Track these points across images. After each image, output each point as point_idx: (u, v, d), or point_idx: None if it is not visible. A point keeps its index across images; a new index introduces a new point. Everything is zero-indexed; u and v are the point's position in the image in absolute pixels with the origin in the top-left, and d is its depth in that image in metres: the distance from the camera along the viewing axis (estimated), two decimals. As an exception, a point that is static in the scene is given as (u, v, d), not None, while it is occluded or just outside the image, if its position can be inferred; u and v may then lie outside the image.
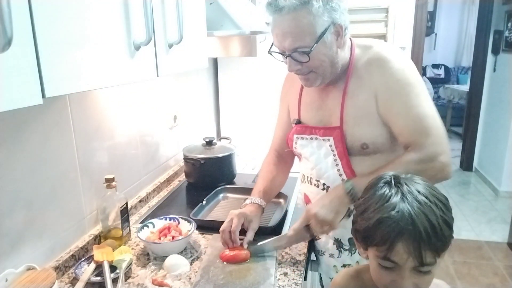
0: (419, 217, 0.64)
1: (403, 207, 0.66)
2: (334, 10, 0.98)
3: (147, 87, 1.55)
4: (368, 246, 0.73)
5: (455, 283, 2.53)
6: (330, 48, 1.01)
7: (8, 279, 0.86)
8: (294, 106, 1.23)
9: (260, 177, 1.31)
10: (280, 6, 0.96)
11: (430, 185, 0.72)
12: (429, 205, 0.66)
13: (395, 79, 1.00)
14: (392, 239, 0.65)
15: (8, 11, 0.48)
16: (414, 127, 1.00)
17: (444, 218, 0.66)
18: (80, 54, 0.66)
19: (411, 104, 1.00)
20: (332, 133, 1.09)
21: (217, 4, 1.39)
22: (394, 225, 0.65)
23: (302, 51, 0.98)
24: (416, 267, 0.66)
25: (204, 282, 1.00)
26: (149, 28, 0.83)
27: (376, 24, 3.19)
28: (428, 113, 1.00)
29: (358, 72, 1.06)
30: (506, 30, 3.70)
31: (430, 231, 0.64)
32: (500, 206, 3.63)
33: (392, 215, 0.66)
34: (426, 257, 0.64)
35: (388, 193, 0.69)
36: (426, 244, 0.64)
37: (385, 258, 0.67)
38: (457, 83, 6.58)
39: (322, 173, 1.15)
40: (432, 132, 0.99)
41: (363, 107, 1.04)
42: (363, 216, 0.71)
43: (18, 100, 0.54)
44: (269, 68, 2.16)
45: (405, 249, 0.65)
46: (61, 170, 1.08)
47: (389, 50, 1.04)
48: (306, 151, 1.18)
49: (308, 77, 1.05)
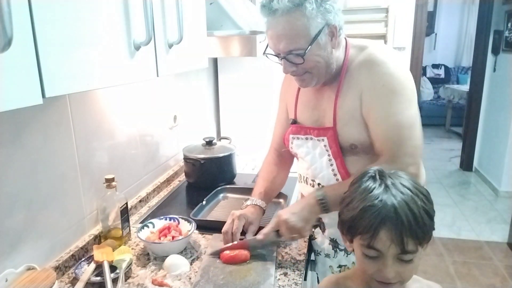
0: (401, 206, 0.67)
1: (386, 197, 0.69)
2: (328, 12, 0.97)
3: (147, 87, 1.55)
4: (353, 237, 0.75)
5: (455, 283, 2.53)
6: (325, 49, 1.00)
7: (8, 279, 0.86)
8: (291, 106, 1.23)
9: (261, 177, 1.31)
10: (274, 9, 0.96)
11: (413, 179, 0.75)
12: (411, 196, 0.69)
13: (381, 83, 0.99)
14: (375, 227, 0.68)
15: (8, 11, 0.48)
16: (389, 136, 0.99)
17: (425, 208, 0.69)
18: (80, 54, 0.66)
19: (391, 111, 0.99)
20: (326, 133, 1.09)
21: (217, 4, 1.39)
22: (377, 214, 0.68)
23: (297, 53, 0.98)
24: (399, 255, 0.69)
25: (204, 282, 1.00)
26: (149, 28, 0.83)
27: (376, 24, 3.19)
28: (405, 123, 0.98)
29: (351, 72, 1.06)
30: (506, 30, 3.70)
31: (412, 219, 0.67)
32: (500, 206, 3.63)
33: (375, 203, 0.69)
34: (408, 244, 0.67)
35: (372, 186, 0.72)
36: (407, 232, 0.67)
37: (369, 246, 0.70)
38: (457, 83, 6.59)
39: (317, 173, 1.15)
40: (405, 143, 0.98)
41: (351, 108, 1.04)
42: (348, 207, 0.75)
43: (18, 100, 0.54)
44: (269, 68, 2.16)
45: (387, 236, 0.67)
46: (61, 170, 1.08)
47: (383, 53, 1.03)
48: (302, 151, 1.18)
49: (304, 77, 1.05)
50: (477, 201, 3.75)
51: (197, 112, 2.10)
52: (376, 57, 1.02)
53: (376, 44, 1.07)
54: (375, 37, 3.17)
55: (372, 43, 1.08)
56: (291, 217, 1.03)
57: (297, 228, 1.03)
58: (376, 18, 3.18)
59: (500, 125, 3.79)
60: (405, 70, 1.03)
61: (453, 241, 3.04)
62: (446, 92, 6.17)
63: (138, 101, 1.49)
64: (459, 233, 3.17)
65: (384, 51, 1.04)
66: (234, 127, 2.33)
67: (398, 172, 0.76)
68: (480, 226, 3.27)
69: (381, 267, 0.70)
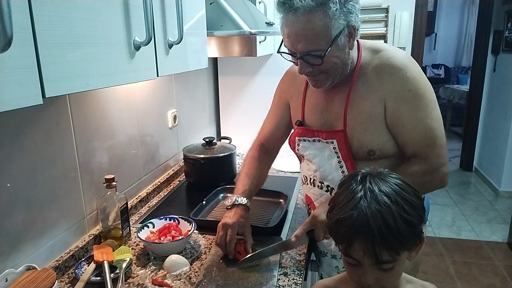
0: (374, 217, 0.66)
1: (361, 206, 0.68)
2: (350, 12, 0.94)
3: (147, 87, 1.55)
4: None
5: (455, 283, 2.53)
6: (343, 50, 0.98)
7: (8, 279, 0.86)
8: (297, 107, 1.21)
9: (245, 173, 1.27)
10: (296, 7, 0.91)
11: (402, 184, 0.73)
12: (388, 204, 0.68)
13: (406, 88, 0.99)
14: (348, 238, 0.69)
15: (8, 11, 0.48)
16: (421, 139, 1.00)
17: (405, 217, 0.67)
18: (80, 54, 0.66)
19: (419, 115, 1.00)
20: (335, 136, 1.08)
21: (217, 4, 1.39)
22: (350, 226, 0.68)
23: (315, 54, 0.95)
24: (376, 264, 0.69)
25: (206, 282, 1.00)
26: (149, 28, 0.83)
27: (376, 24, 3.19)
28: (434, 125, 1.00)
29: (367, 76, 1.04)
30: (506, 30, 3.70)
31: (385, 231, 0.66)
32: (500, 206, 3.63)
33: (349, 214, 0.69)
34: (382, 255, 0.67)
35: (354, 190, 0.72)
36: (380, 244, 0.66)
37: (346, 254, 0.72)
38: (457, 83, 6.58)
39: (326, 175, 1.14)
40: (437, 144, 1.00)
41: (371, 113, 1.02)
42: (330, 215, 0.76)
43: (18, 100, 0.54)
44: (269, 68, 2.16)
45: (360, 247, 0.68)
46: (61, 170, 1.08)
47: (401, 57, 1.02)
48: (309, 153, 1.16)
49: (319, 78, 1.02)
50: (477, 201, 3.75)
51: (197, 112, 2.10)
52: (396, 61, 1.00)
53: (390, 47, 1.06)
54: (375, 37, 3.17)
55: (385, 46, 1.06)
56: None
57: None
58: (376, 18, 3.18)
59: (500, 125, 3.79)
60: (422, 71, 1.04)
61: (453, 241, 3.04)
62: (446, 92, 6.17)
63: (138, 101, 1.49)
64: (459, 233, 3.17)
65: (400, 55, 1.02)
66: (234, 127, 2.33)
67: (388, 175, 0.75)
68: (480, 226, 3.27)
69: (361, 274, 0.71)
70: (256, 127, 2.35)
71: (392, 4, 3.11)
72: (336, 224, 0.71)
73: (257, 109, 2.24)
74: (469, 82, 4.71)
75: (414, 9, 3.13)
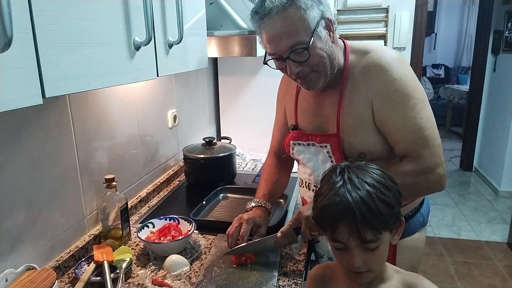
0: (355, 201, 0.72)
1: (342, 193, 0.74)
2: (320, 3, 0.97)
3: (147, 87, 1.55)
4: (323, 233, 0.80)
5: (455, 283, 2.53)
6: (326, 43, 0.98)
7: (8, 279, 0.86)
8: (290, 111, 1.21)
9: (263, 179, 1.29)
10: (268, 8, 0.93)
11: (378, 171, 0.78)
12: (367, 189, 0.73)
13: (392, 89, 0.98)
14: (333, 222, 0.74)
15: (8, 11, 0.48)
16: (411, 138, 0.98)
17: (382, 198, 0.73)
18: (80, 54, 0.66)
19: (408, 115, 0.98)
20: (329, 140, 1.07)
21: (217, 4, 1.39)
22: (334, 211, 0.73)
23: (301, 47, 0.95)
24: (361, 245, 0.73)
25: (207, 282, 1.00)
26: (149, 28, 0.83)
27: (376, 24, 3.20)
28: (425, 125, 0.98)
29: (355, 78, 1.03)
30: (506, 30, 3.70)
31: (366, 212, 0.71)
32: (500, 206, 3.63)
33: (332, 200, 0.74)
34: (366, 235, 0.71)
35: (335, 181, 0.77)
36: (362, 224, 0.71)
37: (333, 239, 0.76)
38: (457, 83, 6.59)
39: (320, 179, 1.13)
40: (430, 144, 0.97)
41: (360, 115, 1.02)
42: (314, 206, 0.81)
43: (18, 100, 0.54)
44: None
45: (345, 230, 0.72)
46: (61, 170, 1.08)
47: (388, 57, 1.00)
48: (304, 157, 1.16)
49: (310, 78, 1.02)
50: (477, 201, 3.75)
51: (197, 112, 2.10)
52: (382, 62, 1.00)
53: (378, 48, 1.05)
54: (375, 37, 3.18)
55: (374, 47, 1.05)
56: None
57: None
58: (376, 18, 3.18)
59: (500, 125, 3.79)
60: (412, 72, 1.02)
61: (453, 241, 3.04)
62: (446, 92, 6.18)
63: (138, 101, 1.49)
64: (459, 233, 3.17)
65: (389, 55, 1.01)
66: (234, 127, 2.33)
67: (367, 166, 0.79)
68: (480, 226, 3.27)
69: (348, 257, 0.75)
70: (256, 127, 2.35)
71: (392, 4, 3.11)
72: (321, 212, 0.76)
73: (257, 109, 2.24)
74: (469, 82, 4.71)
75: (414, 9, 3.13)
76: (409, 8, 3.11)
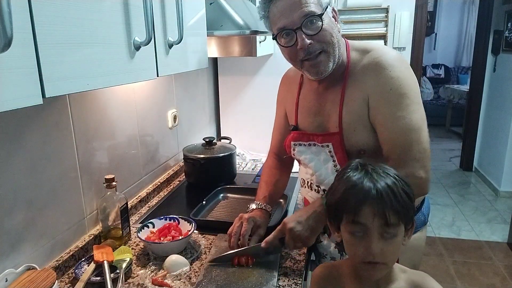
0: (381, 185, 0.74)
1: (366, 180, 0.76)
2: None
3: (147, 87, 1.55)
4: (340, 221, 0.80)
5: (455, 283, 2.53)
6: (335, 26, 1.01)
7: (8, 279, 0.86)
8: (291, 111, 1.21)
9: (263, 181, 1.29)
10: None
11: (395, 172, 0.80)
12: (391, 179, 0.76)
13: (388, 88, 0.98)
14: (358, 202, 0.74)
15: (8, 11, 0.48)
16: (397, 140, 0.98)
17: (405, 189, 0.76)
18: (80, 54, 0.66)
19: (398, 115, 0.97)
20: (331, 139, 1.07)
21: (217, 4, 1.39)
22: (359, 191, 0.75)
23: (315, 14, 0.96)
24: (383, 227, 0.73)
25: (206, 282, 1.00)
26: (149, 28, 0.83)
27: (376, 24, 3.20)
28: (413, 126, 0.97)
29: (355, 76, 1.04)
30: (506, 30, 3.71)
31: (392, 196, 0.74)
32: (500, 206, 3.63)
33: (357, 184, 0.76)
34: (390, 217, 0.73)
35: (354, 174, 0.79)
36: (388, 206, 0.73)
37: (354, 221, 0.75)
38: (457, 83, 6.59)
39: (322, 179, 1.13)
40: (413, 148, 0.96)
41: (358, 113, 1.02)
42: (333, 193, 0.81)
43: (18, 100, 0.54)
44: (269, 68, 2.16)
45: (370, 210, 0.73)
46: (61, 170, 1.08)
47: (389, 56, 1.01)
48: (305, 157, 1.16)
49: (320, 60, 1.00)
50: (477, 201, 3.75)
51: (197, 112, 2.11)
52: (381, 60, 1.00)
53: (380, 47, 1.05)
54: (375, 37, 3.17)
55: (375, 46, 1.06)
56: (297, 226, 1.00)
57: (303, 238, 1.00)
58: (376, 18, 3.18)
59: (500, 125, 3.79)
60: (411, 72, 1.02)
61: (453, 241, 3.04)
62: (446, 92, 6.18)
63: (138, 101, 1.49)
64: (459, 233, 3.17)
65: (389, 54, 1.01)
66: (234, 127, 2.33)
67: (381, 164, 0.81)
68: (480, 226, 3.28)
69: (366, 244, 0.74)
70: (256, 127, 2.35)
71: (392, 4, 3.11)
72: (345, 195, 0.77)
73: (257, 109, 2.24)
74: (469, 82, 4.71)
75: (414, 9, 3.13)
76: (409, 8, 3.11)
